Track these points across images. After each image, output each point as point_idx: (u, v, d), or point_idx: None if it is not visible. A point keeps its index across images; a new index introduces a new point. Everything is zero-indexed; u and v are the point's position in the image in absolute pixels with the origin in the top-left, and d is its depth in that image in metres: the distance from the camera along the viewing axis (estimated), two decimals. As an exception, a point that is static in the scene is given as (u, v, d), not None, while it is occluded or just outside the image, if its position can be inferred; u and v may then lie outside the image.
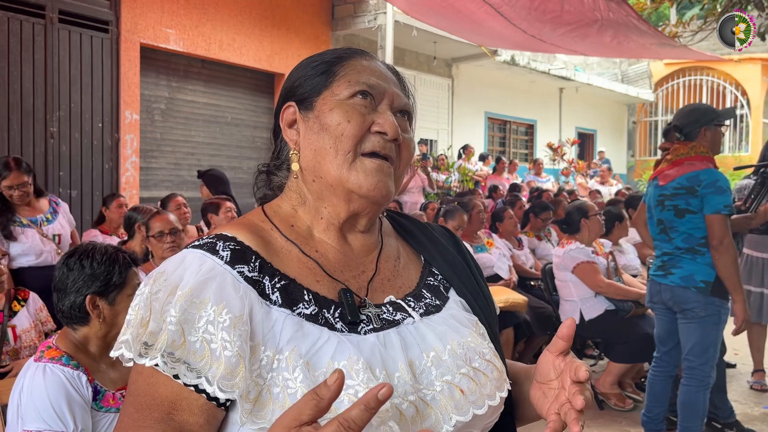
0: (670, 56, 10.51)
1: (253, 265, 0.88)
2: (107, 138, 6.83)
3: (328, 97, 0.94)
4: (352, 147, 0.91)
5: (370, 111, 0.93)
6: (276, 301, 0.86)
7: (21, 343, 2.79)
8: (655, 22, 10.52)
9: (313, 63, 0.99)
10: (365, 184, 0.91)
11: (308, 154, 0.94)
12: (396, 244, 1.06)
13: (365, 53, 1.01)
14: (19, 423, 1.65)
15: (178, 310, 0.80)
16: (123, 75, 6.90)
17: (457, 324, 0.96)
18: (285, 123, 0.98)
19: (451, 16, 6.51)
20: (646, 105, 18.38)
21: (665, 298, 3.38)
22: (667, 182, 3.34)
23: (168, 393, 0.80)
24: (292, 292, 0.88)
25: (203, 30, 7.61)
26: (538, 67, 12.85)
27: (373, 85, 0.94)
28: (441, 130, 12.21)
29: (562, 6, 5.38)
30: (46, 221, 3.84)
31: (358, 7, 8.98)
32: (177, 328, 0.80)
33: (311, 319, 0.86)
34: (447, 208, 4.88)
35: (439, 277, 1.04)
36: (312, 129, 0.94)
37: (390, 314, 0.93)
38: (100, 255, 1.85)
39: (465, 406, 0.87)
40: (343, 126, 0.91)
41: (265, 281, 0.87)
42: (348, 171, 0.91)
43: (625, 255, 4.96)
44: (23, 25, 6.11)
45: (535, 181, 10.69)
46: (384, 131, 0.92)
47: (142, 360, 0.80)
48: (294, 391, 0.79)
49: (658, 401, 3.52)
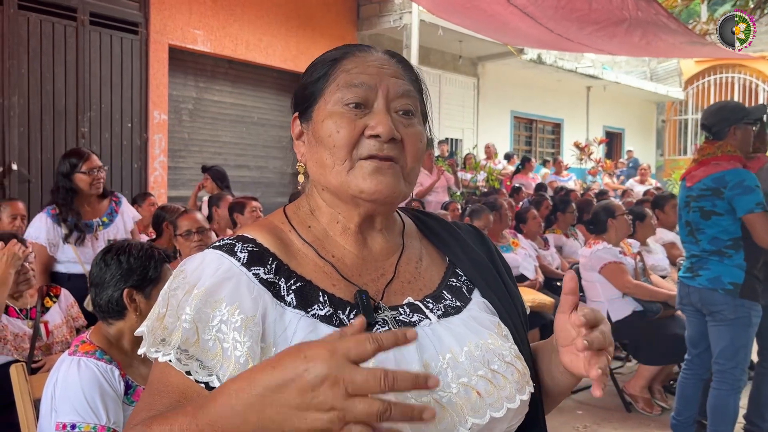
0: (700, 55, 10.31)
1: (270, 266, 0.89)
2: (136, 138, 6.94)
3: (321, 107, 0.94)
4: (347, 155, 0.90)
5: (362, 115, 0.91)
6: (291, 303, 0.87)
7: (53, 338, 2.85)
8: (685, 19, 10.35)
9: (314, 67, 0.98)
10: (366, 188, 0.90)
11: (312, 166, 0.96)
12: (419, 246, 1.05)
13: (363, 48, 0.97)
14: (53, 416, 1.69)
15: (193, 309, 0.83)
16: (152, 76, 7.00)
17: (477, 326, 0.95)
18: (294, 135, 1.01)
19: (476, 15, 6.48)
20: (675, 103, 18.09)
21: (694, 300, 3.33)
22: (694, 183, 3.29)
23: (179, 383, 0.82)
24: (307, 293, 0.89)
25: (230, 31, 7.69)
26: (565, 65, 12.73)
27: (362, 82, 0.91)
28: (466, 129, 12.16)
29: (590, 5, 5.32)
30: (102, 225, 3.64)
31: (383, 6, 8.98)
32: (191, 326, 0.82)
33: (325, 320, 0.87)
34: (473, 208, 4.86)
35: (463, 278, 1.03)
36: (311, 142, 0.95)
37: (406, 316, 0.92)
38: (136, 250, 1.90)
39: (482, 409, 0.86)
40: (334, 137, 0.90)
41: (281, 283, 0.88)
42: (347, 177, 0.91)
43: (653, 255, 4.89)
44: (55, 27, 6.24)
45: (556, 181, 10.59)
46: (377, 134, 0.89)
47: (155, 354, 0.83)
48: None
49: (689, 404, 3.46)
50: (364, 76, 0.92)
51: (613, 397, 4.33)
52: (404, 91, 0.94)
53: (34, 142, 6.10)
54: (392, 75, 0.94)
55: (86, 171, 3.50)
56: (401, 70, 0.97)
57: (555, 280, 5.43)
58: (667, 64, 17.13)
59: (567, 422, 4.00)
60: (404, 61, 1.00)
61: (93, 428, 1.66)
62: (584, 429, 3.93)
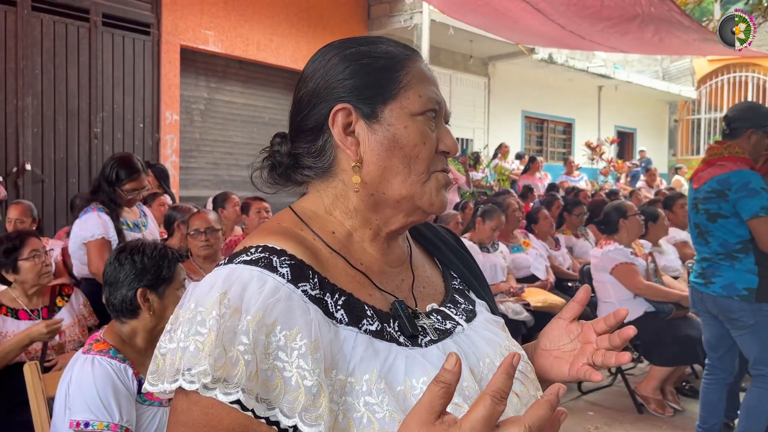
0: (713, 53, 10.23)
1: (314, 282, 0.82)
2: (148, 138, 6.98)
3: (398, 110, 0.87)
4: (425, 169, 0.88)
5: (434, 128, 0.90)
6: (342, 320, 0.81)
7: (65, 337, 2.88)
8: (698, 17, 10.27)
9: (369, 60, 0.89)
10: (436, 202, 0.90)
11: (374, 170, 0.87)
12: (418, 250, 1.04)
13: (417, 53, 0.94)
14: (67, 413, 1.71)
15: (251, 338, 0.73)
16: (163, 76, 7.04)
17: (494, 328, 0.96)
18: (339, 126, 0.88)
19: (487, 14, 6.46)
20: (688, 103, 17.95)
21: (709, 306, 3.23)
22: (700, 185, 3.20)
23: (233, 424, 0.73)
24: (354, 308, 0.84)
25: (241, 31, 7.71)
26: (576, 65, 12.67)
27: (439, 100, 0.91)
28: (477, 129, 12.14)
29: (602, 1, 5.30)
30: (143, 226, 3.60)
31: (394, 6, 8.98)
32: (252, 357, 0.72)
33: (378, 336, 0.83)
34: (485, 209, 4.84)
35: (458, 280, 1.03)
36: (382, 144, 0.87)
37: (441, 323, 0.91)
38: (149, 250, 1.92)
39: (521, 410, 0.85)
40: (419, 148, 0.87)
41: (327, 299, 0.82)
42: (421, 189, 0.88)
43: (665, 256, 4.86)
44: (68, 28, 6.29)
45: (567, 181, 10.55)
46: (449, 150, 0.91)
47: (210, 393, 0.71)
48: (382, 416, 0.75)
49: (714, 411, 3.32)
50: (435, 91, 0.91)
51: (625, 399, 4.31)
52: (449, 112, 0.96)
53: (47, 142, 6.16)
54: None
55: (129, 189, 3.36)
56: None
57: (566, 281, 5.41)
58: (680, 63, 17.00)
59: (578, 423, 3.98)
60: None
61: (106, 426, 1.67)
62: (596, 430, 3.91)
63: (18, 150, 5.97)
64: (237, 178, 7.92)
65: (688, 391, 4.56)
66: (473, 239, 4.70)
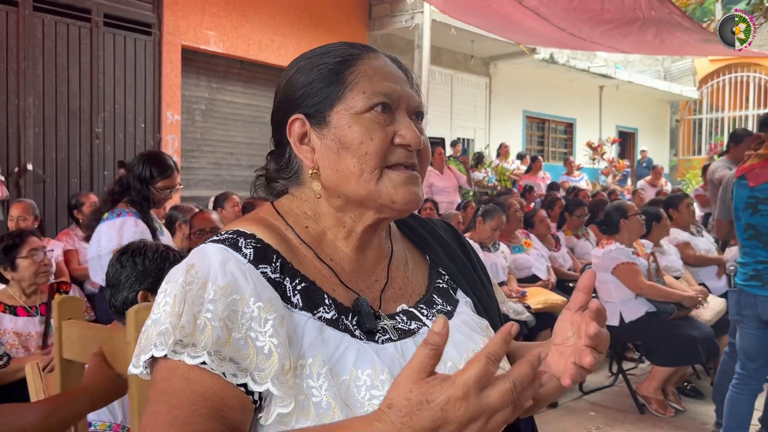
0: (715, 53, 10.22)
1: (275, 265, 0.85)
2: (149, 138, 6.98)
3: (342, 111, 0.88)
4: (377, 164, 0.87)
5: (390, 122, 0.89)
6: (297, 304, 0.84)
7: (66, 335, 2.89)
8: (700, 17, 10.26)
9: (317, 68, 0.91)
10: (398, 198, 0.88)
11: (330, 174, 0.89)
12: (403, 248, 1.04)
13: (371, 50, 0.94)
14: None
15: (219, 306, 0.77)
16: (165, 76, 7.05)
17: (469, 331, 0.95)
18: (295, 137, 0.92)
19: (488, 15, 6.46)
20: (689, 103, 17.93)
21: (762, 311, 3.07)
22: (760, 183, 3.02)
23: (216, 389, 0.76)
24: (312, 294, 0.86)
25: (242, 31, 7.72)
26: (577, 65, 12.66)
27: (389, 93, 0.89)
28: (478, 129, 12.13)
29: (602, 5, 5.30)
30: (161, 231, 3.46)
31: (395, 6, 8.98)
32: (220, 324, 0.77)
33: (332, 324, 0.85)
34: (486, 209, 4.84)
35: (446, 277, 1.03)
36: (330, 148, 0.88)
37: (405, 324, 0.92)
38: (151, 252, 1.92)
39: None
40: (367, 144, 0.86)
41: (287, 283, 0.85)
42: (376, 187, 0.87)
43: (666, 256, 4.86)
44: (70, 28, 6.29)
45: (568, 181, 10.54)
46: (408, 143, 0.88)
47: (177, 356, 0.76)
48: (318, 399, 0.78)
49: (742, 422, 3.19)
50: (388, 85, 0.90)
51: (626, 399, 4.31)
52: (417, 104, 0.93)
53: (48, 142, 6.16)
54: (406, 83, 0.94)
55: (161, 187, 3.22)
56: (409, 82, 0.96)
57: (567, 281, 5.40)
58: (681, 63, 16.99)
59: (579, 423, 3.98)
60: (402, 66, 0.99)
61: (109, 426, 1.67)
62: (597, 430, 3.91)
63: (19, 150, 5.97)
64: (238, 178, 7.93)
65: (690, 392, 4.55)
66: (474, 239, 4.70)
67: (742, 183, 3.15)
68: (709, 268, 5.15)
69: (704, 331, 4.16)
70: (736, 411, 3.22)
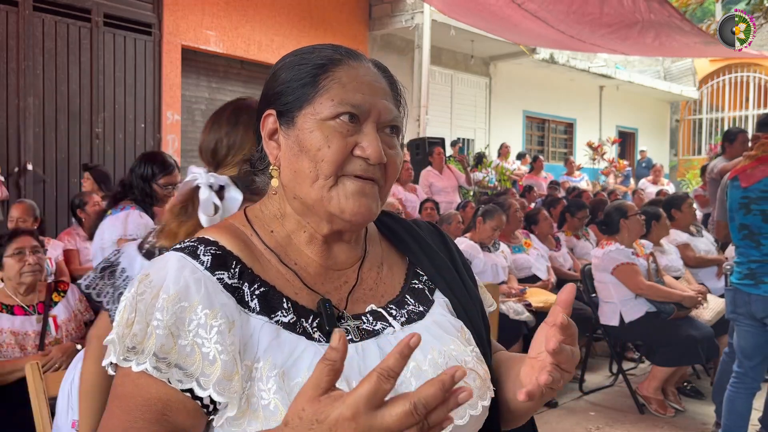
0: (715, 54, 10.22)
1: (233, 271, 0.86)
2: (149, 138, 6.99)
3: (309, 115, 0.88)
4: (332, 172, 0.87)
5: (354, 132, 0.88)
6: (254, 309, 0.85)
7: (62, 332, 2.90)
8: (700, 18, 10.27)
9: (298, 66, 0.91)
10: (347, 209, 0.87)
11: (288, 174, 0.91)
12: (380, 250, 1.03)
13: (354, 56, 0.93)
14: (69, 413, 1.71)
15: (166, 314, 0.79)
16: (165, 76, 7.05)
17: (440, 331, 0.94)
18: (266, 132, 0.93)
19: (488, 16, 6.47)
20: (689, 103, 17.94)
21: (756, 309, 3.10)
22: (752, 183, 3.04)
23: (160, 394, 0.79)
24: (271, 299, 0.87)
25: (242, 31, 7.72)
26: (577, 65, 12.67)
27: (358, 104, 0.88)
28: (478, 129, 12.14)
29: (602, 9, 5.30)
30: None
31: (395, 6, 8.98)
32: (165, 332, 0.79)
33: (289, 328, 0.85)
34: (486, 209, 4.84)
35: (424, 278, 1.02)
36: (292, 149, 0.89)
37: (370, 324, 0.91)
38: None
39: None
40: (324, 151, 0.86)
41: (245, 288, 0.86)
42: (328, 194, 0.87)
43: (666, 256, 4.86)
44: (70, 28, 6.29)
45: (568, 181, 10.54)
46: (367, 156, 0.87)
47: (127, 363, 0.79)
48: (267, 402, 0.78)
49: (740, 420, 3.19)
50: (359, 96, 0.88)
51: (626, 399, 4.31)
52: (392, 119, 0.92)
53: (48, 142, 6.16)
54: (384, 96, 0.92)
55: (163, 184, 3.23)
56: (388, 88, 0.95)
57: (567, 281, 5.40)
58: (681, 64, 16.99)
59: (579, 423, 3.98)
60: (390, 76, 0.97)
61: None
62: (597, 430, 3.91)
63: (19, 150, 5.98)
64: (238, 178, 7.92)
65: (690, 392, 4.55)
66: (474, 239, 4.70)
67: (735, 184, 3.17)
68: (709, 269, 5.14)
69: (704, 331, 4.16)
70: (735, 410, 3.23)
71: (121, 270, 1.66)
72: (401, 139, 0.96)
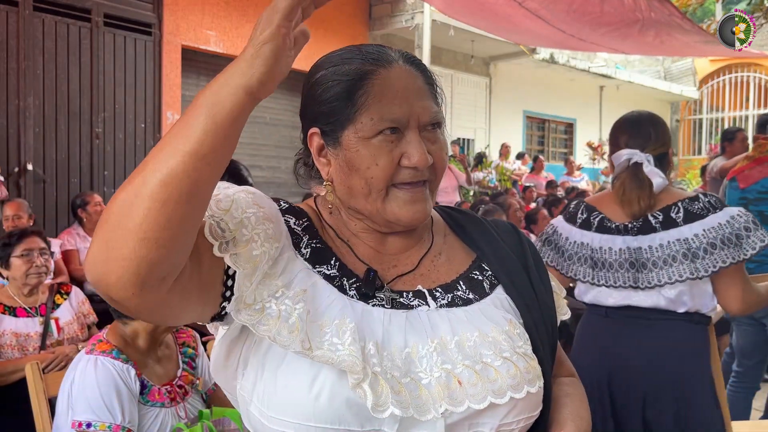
0: (716, 54, 10.21)
1: (302, 222, 0.97)
2: (150, 138, 6.98)
3: (352, 135, 0.93)
4: (384, 186, 0.93)
5: (398, 142, 0.92)
6: (304, 255, 0.93)
7: (64, 334, 2.89)
8: (700, 18, 10.27)
9: (334, 81, 0.95)
10: (403, 216, 0.94)
11: (342, 189, 0.97)
12: (442, 241, 1.06)
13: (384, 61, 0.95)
14: (69, 414, 1.71)
15: (246, 194, 0.89)
16: (165, 76, 7.04)
17: (483, 319, 0.95)
18: (314, 149, 0.99)
19: (488, 16, 6.46)
20: (690, 103, 17.93)
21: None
22: (749, 184, 3.06)
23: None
24: (322, 254, 0.94)
25: (243, 31, 7.71)
26: (577, 65, 12.66)
27: (397, 117, 0.92)
28: (478, 129, 12.13)
29: (602, 7, 5.29)
30: None
31: (395, 6, 8.98)
32: (242, 219, 0.86)
33: (327, 279, 0.92)
34: (485, 208, 4.85)
35: (488, 273, 1.03)
36: (342, 168, 0.95)
37: (407, 299, 0.95)
38: None
39: (460, 397, 0.86)
40: (373, 169, 0.92)
41: (305, 238, 0.95)
42: (383, 206, 0.94)
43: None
44: (70, 28, 6.29)
45: (568, 181, 10.54)
46: (414, 166, 0.92)
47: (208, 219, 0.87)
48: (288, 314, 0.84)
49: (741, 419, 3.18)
50: (396, 108, 0.92)
51: (626, 399, 4.30)
52: (432, 117, 0.95)
53: (49, 142, 6.16)
54: (419, 96, 0.95)
55: None
56: (423, 83, 0.97)
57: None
58: (681, 64, 16.99)
59: None
60: (423, 68, 0.99)
61: (108, 427, 1.67)
62: (597, 431, 3.90)
63: (19, 150, 5.97)
64: (238, 178, 7.92)
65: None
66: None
67: (734, 185, 3.19)
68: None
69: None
70: (735, 409, 3.20)
71: None
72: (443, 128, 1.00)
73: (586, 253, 1.99)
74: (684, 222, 1.86)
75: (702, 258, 1.80)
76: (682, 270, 1.82)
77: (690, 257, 1.81)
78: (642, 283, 1.87)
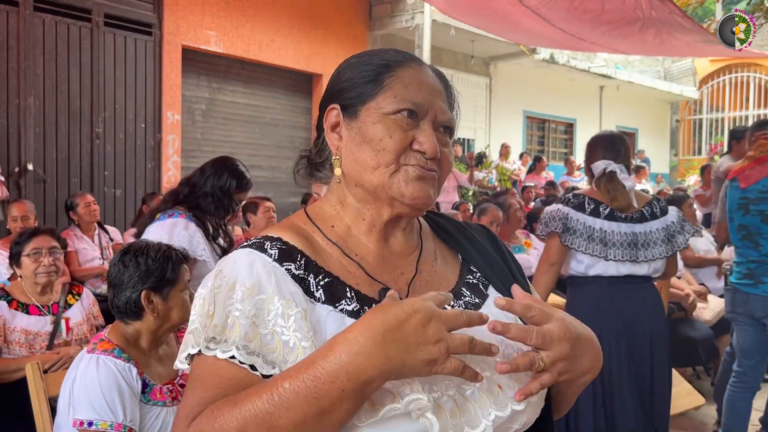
0: (715, 54, 10.22)
1: (299, 263, 0.92)
2: (150, 138, 6.99)
3: (372, 109, 0.96)
4: (393, 160, 0.94)
5: (413, 127, 0.95)
6: (320, 298, 0.90)
7: (73, 335, 2.90)
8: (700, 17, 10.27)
9: (363, 66, 0.99)
10: (407, 193, 0.94)
11: (349, 163, 0.97)
12: (433, 246, 1.08)
13: (415, 60, 1.01)
14: (71, 413, 1.71)
15: (247, 305, 0.85)
16: (165, 76, 7.05)
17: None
18: (328, 125, 1.01)
19: (488, 15, 6.46)
20: (690, 103, 17.93)
21: (754, 308, 3.13)
22: (750, 184, 3.07)
23: (240, 377, 0.83)
24: (335, 289, 0.92)
25: (243, 32, 7.72)
26: (577, 65, 12.66)
27: (419, 102, 0.95)
28: (478, 129, 12.13)
29: (603, 5, 5.29)
30: None
31: (395, 6, 8.98)
32: (248, 321, 0.84)
33: (353, 315, 0.90)
34: (481, 207, 4.86)
35: (478, 275, 1.06)
36: (354, 139, 0.96)
37: None
38: (154, 252, 1.92)
39: (504, 402, 0.88)
40: (385, 141, 0.93)
41: (310, 279, 0.92)
42: (389, 180, 0.94)
43: (667, 256, 4.86)
44: (70, 28, 6.29)
45: (568, 181, 10.54)
46: (424, 150, 0.94)
47: (211, 352, 0.84)
48: None
49: (741, 420, 3.22)
50: (420, 95, 0.96)
51: (626, 399, 4.30)
52: (447, 120, 1.00)
53: (49, 142, 6.16)
54: (441, 98, 1.00)
55: (238, 201, 3.09)
56: (445, 92, 1.03)
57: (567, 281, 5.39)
58: (681, 64, 16.99)
59: (579, 423, 3.97)
60: (446, 82, 1.06)
61: (110, 426, 1.67)
62: (597, 430, 3.90)
63: (20, 150, 5.98)
64: (238, 178, 7.92)
65: (690, 392, 4.55)
66: (474, 239, 4.70)
67: (734, 185, 3.20)
68: (709, 269, 5.14)
69: (703, 332, 4.16)
70: (735, 409, 3.25)
71: None
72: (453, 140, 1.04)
73: (598, 235, 2.61)
74: (660, 215, 2.66)
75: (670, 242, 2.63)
76: (663, 249, 2.61)
77: (667, 240, 2.61)
78: (640, 258, 2.59)
